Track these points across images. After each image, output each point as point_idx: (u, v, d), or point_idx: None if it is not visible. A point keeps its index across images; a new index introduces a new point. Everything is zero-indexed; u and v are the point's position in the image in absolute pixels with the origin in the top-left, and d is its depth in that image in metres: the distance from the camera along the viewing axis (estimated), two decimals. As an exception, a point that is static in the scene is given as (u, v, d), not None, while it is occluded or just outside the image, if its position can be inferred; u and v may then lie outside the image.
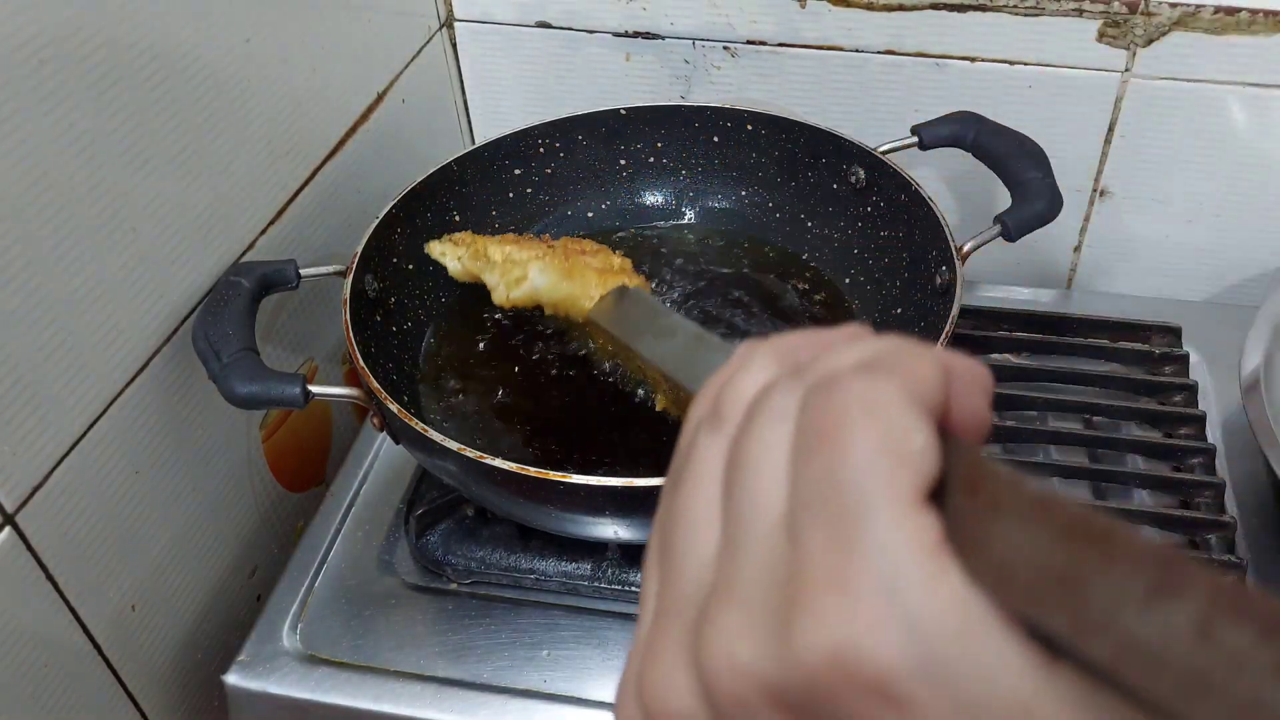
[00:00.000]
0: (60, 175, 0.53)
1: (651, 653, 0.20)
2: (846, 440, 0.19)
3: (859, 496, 0.18)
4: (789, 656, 0.18)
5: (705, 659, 0.19)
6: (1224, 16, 0.76)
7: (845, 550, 0.18)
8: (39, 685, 0.57)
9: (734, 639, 0.19)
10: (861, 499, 0.18)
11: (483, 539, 0.69)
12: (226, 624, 0.73)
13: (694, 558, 0.21)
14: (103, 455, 0.59)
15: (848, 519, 0.18)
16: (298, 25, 0.71)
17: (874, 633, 0.17)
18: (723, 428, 0.22)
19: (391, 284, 0.74)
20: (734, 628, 0.19)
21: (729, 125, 0.83)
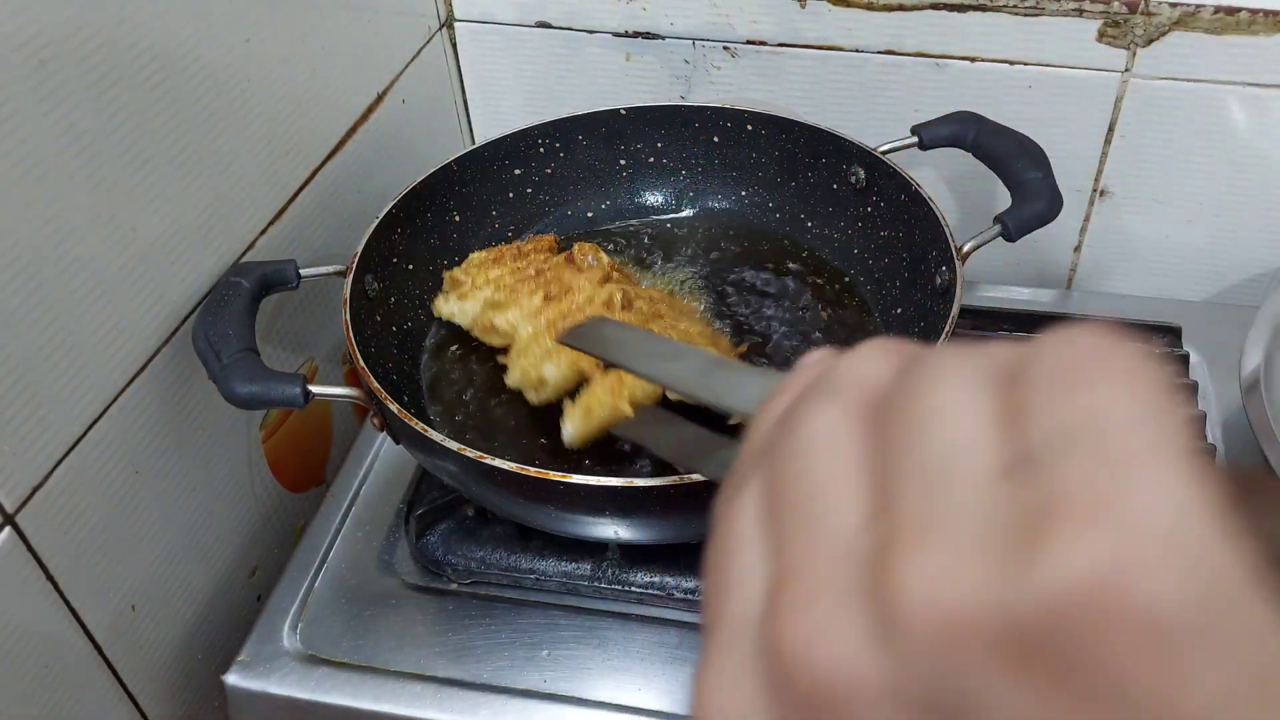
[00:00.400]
0: (60, 175, 0.53)
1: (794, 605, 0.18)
2: (1106, 387, 0.17)
3: (1134, 439, 0.16)
4: (1029, 588, 0.16)
5: (900, 600, 0.16)
6: (1224, 16, 0.76)
7: (1116, 483, 0.16)
8: (39, 685, 0.57)
9: (941, 578, 0.16)
10: (1137, 442, 0.16)
11: (483, 539, 0.69)
12: (226, 624, 0.73)
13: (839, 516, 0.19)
14: (103, 455, 0.59)
15: (1117, 458, 0.16)
16: (298, 25, 0.71)
17: (1150, 565, 0.15)
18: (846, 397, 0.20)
19: (391, 284, 0.74)
20: (939, 567, 0.16)
21: (729, 125, 0.83)
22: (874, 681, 0.17)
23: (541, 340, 0.67)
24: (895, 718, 0.16)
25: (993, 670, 0.16)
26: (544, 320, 0.68)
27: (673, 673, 0.63)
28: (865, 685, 0.17)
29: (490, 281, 0.73)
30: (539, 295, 0.70)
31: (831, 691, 0.16)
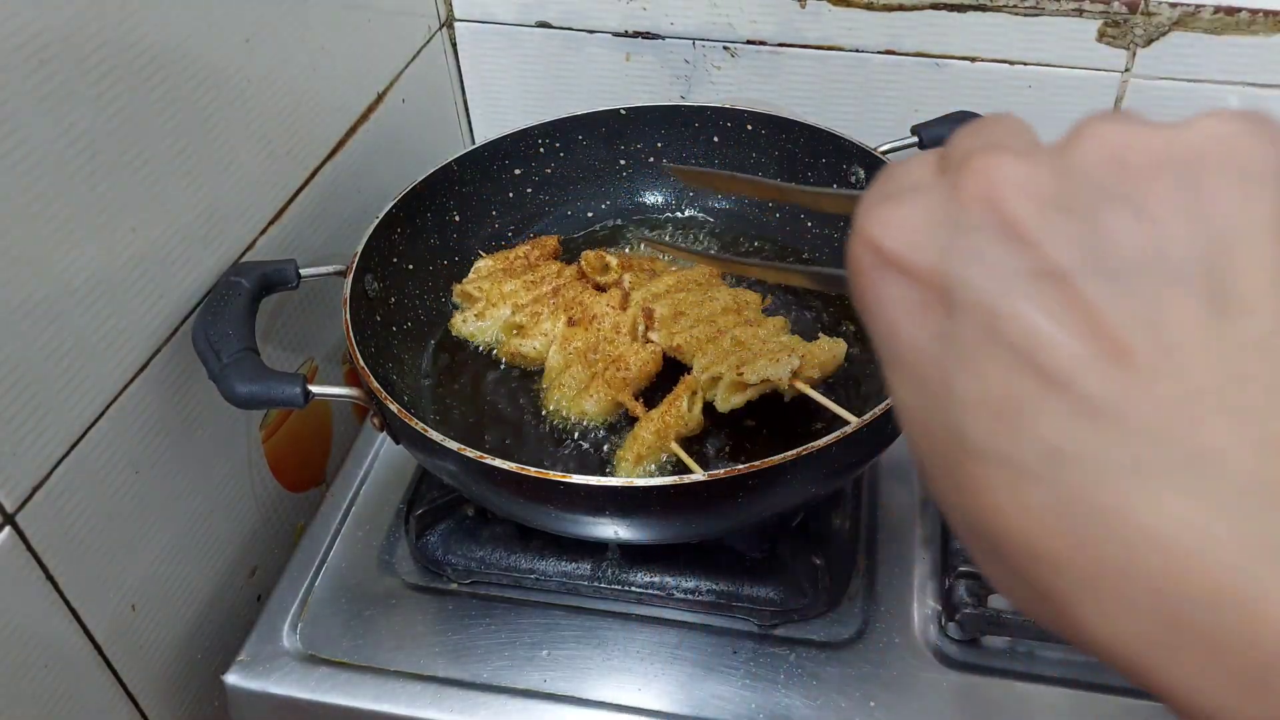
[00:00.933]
0: (60, 175, 0.53)
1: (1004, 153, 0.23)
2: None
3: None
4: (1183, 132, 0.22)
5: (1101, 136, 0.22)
6: (1224, 16, 0.76)
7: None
8: (39, 685, 0.57)
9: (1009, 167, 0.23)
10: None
11: (483, 539, 0.69)
12: (226, 624, 0.73)
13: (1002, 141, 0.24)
14: (103, 455, 0.59)
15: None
16: (298, 25, 0.71)
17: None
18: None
19: (391, 284, 0.74)
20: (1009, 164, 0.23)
21: (729, 125, 0.83)
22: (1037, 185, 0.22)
23: (576, 372, 0.68)
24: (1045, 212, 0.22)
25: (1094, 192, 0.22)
26: (574, 350, 0.69)
27: (673, 673, 0.63)
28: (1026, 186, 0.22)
29: (505, 298, 0.74)
30: (561, 319, 0.71)
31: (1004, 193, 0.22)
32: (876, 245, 0.24)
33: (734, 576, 0.66)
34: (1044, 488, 0.21)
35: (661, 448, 0.64)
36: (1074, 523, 0.21)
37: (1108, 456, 0.20)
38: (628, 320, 0.71)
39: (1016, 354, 0.21)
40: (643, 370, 0.69)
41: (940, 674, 0.62)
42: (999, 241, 0.22)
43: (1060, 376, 0.21)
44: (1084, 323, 0.21)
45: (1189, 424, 0.20)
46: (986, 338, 0.22)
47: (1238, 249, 0.21)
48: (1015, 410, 0.21)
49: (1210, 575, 0.19)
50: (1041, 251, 0.21)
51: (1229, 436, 0.20)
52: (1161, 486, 0.20)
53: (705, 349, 0.67)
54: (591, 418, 0.68)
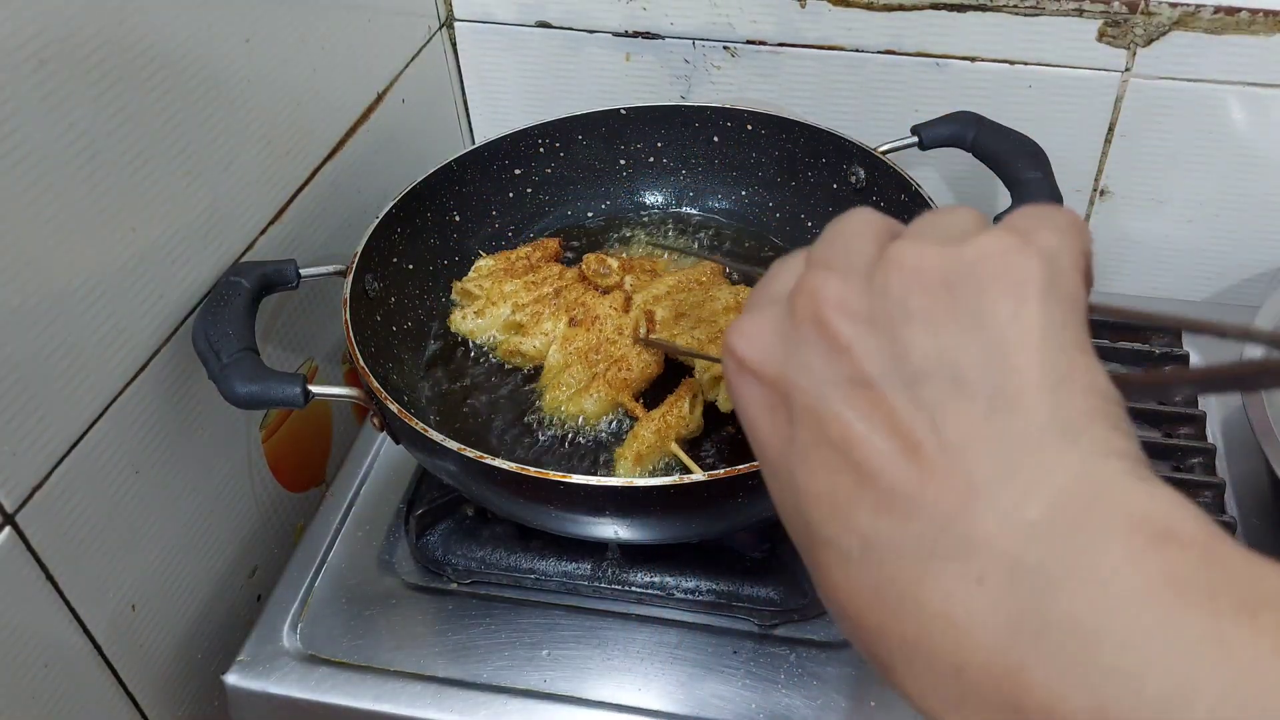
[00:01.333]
0: (60, 175, 0.53)
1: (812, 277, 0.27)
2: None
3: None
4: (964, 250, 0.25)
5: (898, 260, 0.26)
6: (1224, 16, 0.76)
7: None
8: (39, 685, 0.57)
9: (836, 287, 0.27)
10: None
11: (483, 539, 0.69)
12: (226, 624, 0.73)
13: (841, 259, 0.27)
14: (103, 455, 0.59)
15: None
16: (298, 25, 0.71)
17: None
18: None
19: (391, 284, 0.74)
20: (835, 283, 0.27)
21: (729, 125, 0.83)
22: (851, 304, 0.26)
23: (576, 371, 0.68)
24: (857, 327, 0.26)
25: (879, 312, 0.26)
26: (574, 350, 0.69)
27: (673, 673, 0.63)
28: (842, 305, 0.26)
29: (506, 297, 0.74)
30: (563, 319, 0.71)
31: (825, 313, 0.26)
32: (735, 353, 0.28)
33: (734, 576, 0.66)
34: (863, 571, 0.25)
35: (661, 447, 0.64)
36: (884, 602, 0.24)
37: (904, 545, 0.24)
38: (630, 323, 0.71)
39: (838, 452, 0.25)
40: (644, 372, 0.69)
41: (940, 674, 0.62)
42: (822, 354, 0.26)
43: (869, 471, 0.24)
44: (886, 424, 0.24)
45: (964, 514, 0.23)
46: (816, 438, 0.25)
47: (1010, 354, 0.24)
48: (840, 501, 0.25)
49: (980, 651, 0.22)
50: (855, 362, 0.25)
51: (994, 524, 0.23)
52: (942, 571, 0.23)
53: (707, 349, 0.68)
54: (589, 417, 0.68)
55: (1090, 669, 0.21)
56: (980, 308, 0.24)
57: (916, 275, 0.25)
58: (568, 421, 0.68)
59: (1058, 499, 0.23)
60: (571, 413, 0.68)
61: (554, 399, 0.69)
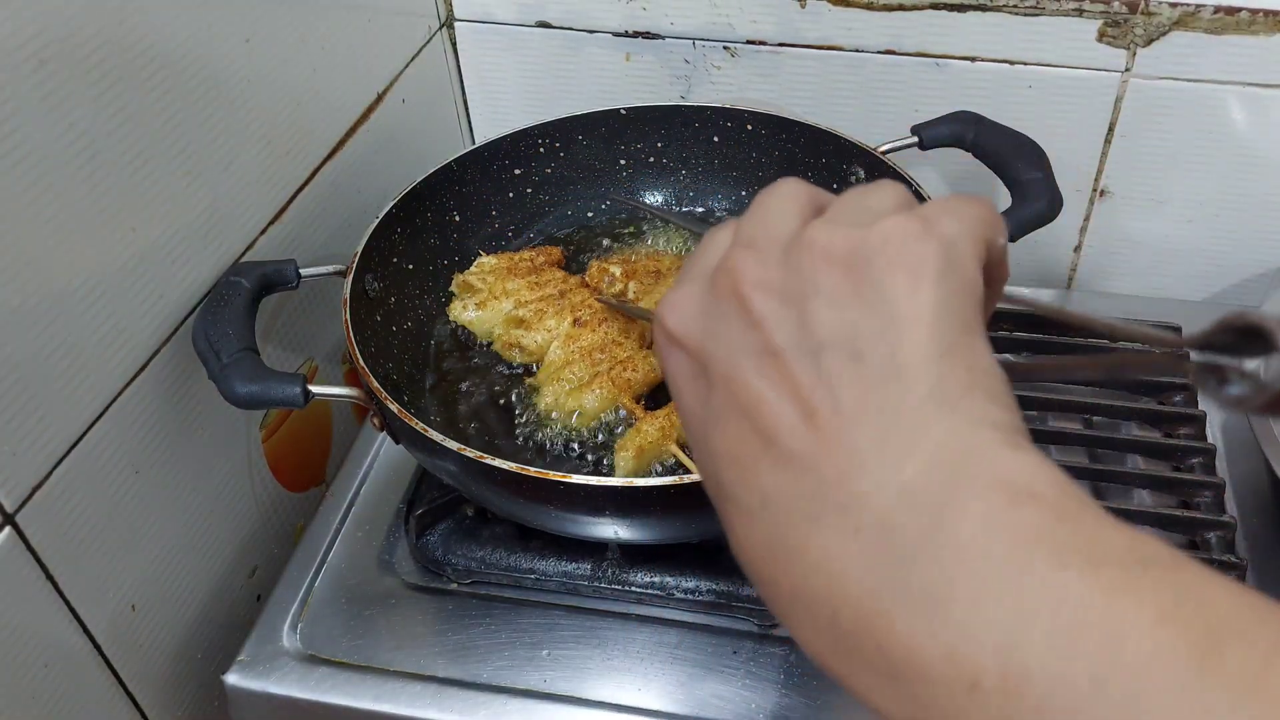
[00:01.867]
0: (60, 175, 0.53)
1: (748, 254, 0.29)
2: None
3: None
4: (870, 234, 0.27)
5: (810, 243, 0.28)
6: (1224, 16, 0.76)
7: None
8: (39, 685, 0.57)
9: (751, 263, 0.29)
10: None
11: (483, 539, 0.69)
12: (226, 624, 0.73)
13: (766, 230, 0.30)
14: (103, 455, 0.59)
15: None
16: (298, 25, 0.71)
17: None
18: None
19: (391, 284, 0.74)
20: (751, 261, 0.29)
21: (729, 125, 0.83)
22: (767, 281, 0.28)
23: (577, 368, 0.68)
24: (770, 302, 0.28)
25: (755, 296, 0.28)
26: (577, 348, 0.69)
27: (673, 673, 0.63)
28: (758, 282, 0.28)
29: (508, 294, 0.74)
30: (567, 318, 0.71)
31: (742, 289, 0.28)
32: (663, 324, 0.30)
33: (734, 576, 0.66)
34: (761, 526, 0.27)
35: (662, 445, 0.64)
36: (776, 555, 0.26)
37: (795, 499, 0.26)
38: (637, 329, 0.71)
39: (746, 416, 0.27)
40: (648, 376, 0.69)
41: (940, 674, 0.62)
42: (738, 326, 0.28)
43: (771, 434, 0.26)
44: (789, 391, 0.26)
45: (847, 476, 0.25)
46: (729, 403, 0.27)
47: (903, 330, 0.26)
48: (746, 462, 0.27)
49: (851, 600, 0.25)
50: (766, 334, 0.27)
51: (871, 485, 0.25)
52: (825, 526, 0.25)
53: None
54: (587, 414, 0.67)
55: (943, 618, 0.23)
56: (880, 287, 0.26)
57: (825, 256, 0.27)
58: (565, 420, 0.68)
59: (928, 462, 0.25)
60: (569, 408, 0.68)
61: (552, 393, 0.68)
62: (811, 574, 0.25)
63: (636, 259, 0.79)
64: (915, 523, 0.24)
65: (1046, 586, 0.23)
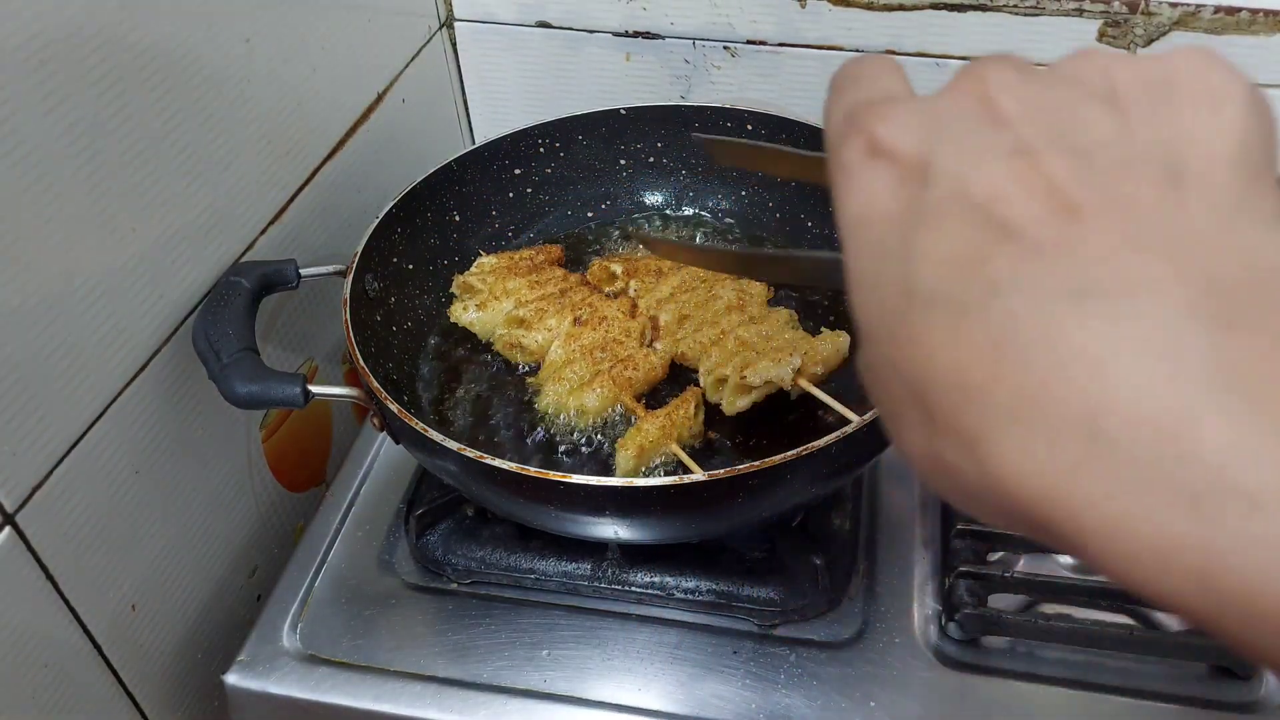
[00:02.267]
0: (60, 175, 0.53)
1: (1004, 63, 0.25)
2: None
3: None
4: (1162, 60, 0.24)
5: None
6: (1224, 16, 0.76)
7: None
8: (39, 685, 0.57)
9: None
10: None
11: (483, 539, 0.69)
12: (226, 624, 0.73)
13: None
14: (103, 455, 0.59)
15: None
16: (298, 25, 0.71)
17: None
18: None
19: (391, 284, 0.74)
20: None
21: (729, 125, 0.83)
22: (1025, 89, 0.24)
23: (578, 367, 0.68)
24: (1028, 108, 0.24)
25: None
26: (578, 347, 0.69)
27: (673, 673, 0.63)
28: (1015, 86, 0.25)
29: (509, 294, 0.74)
30: (567, 317, 0.71)
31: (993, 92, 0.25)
32: (872, 136, 0.26)
33: (734, 576, 0.66)
34: (980, 318, 0.22)
35: (663, 444, 0.64)
36: (1007, 348, 0.21)
37: (1046, 284, 0.21)
38: (637, 327, 0.71)
39: (978, 210, 0.22)
40: (649, 375, 0.69)
41: (940, 674, 0.62)
42: (983, 127, 0.24)
43: (1014, 227, 0.22)
44: (1044, 187, 0.22)
45: (1130, 255, 0.21)
46: (954, 199, 0.23)
47: (1203, 144, 0.22)
48: (968, 257, 0.22)
49: (1140, 391, 0.20)
50: (1018, 134, 0.23)
51: (1168, 270, 0.20)
52: (1097, 310, 0.20)
53: (710, 352, 0.68)
54: (588, 414, 0.67)
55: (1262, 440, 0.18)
56: (1177, 101, 0.23)
57: (1108, 68, 0.24)
58: (566, 419, 0.68)
59: (1240, 268, 0.20)
60: (571, 406, 0.68)
61: (554, 392, 0.68)
62: (1067, 366, 0.20)
63: (637, 258, 0.79)
64: (1241, 311, 0.20)
65: None
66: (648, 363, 0.69)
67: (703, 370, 0.68)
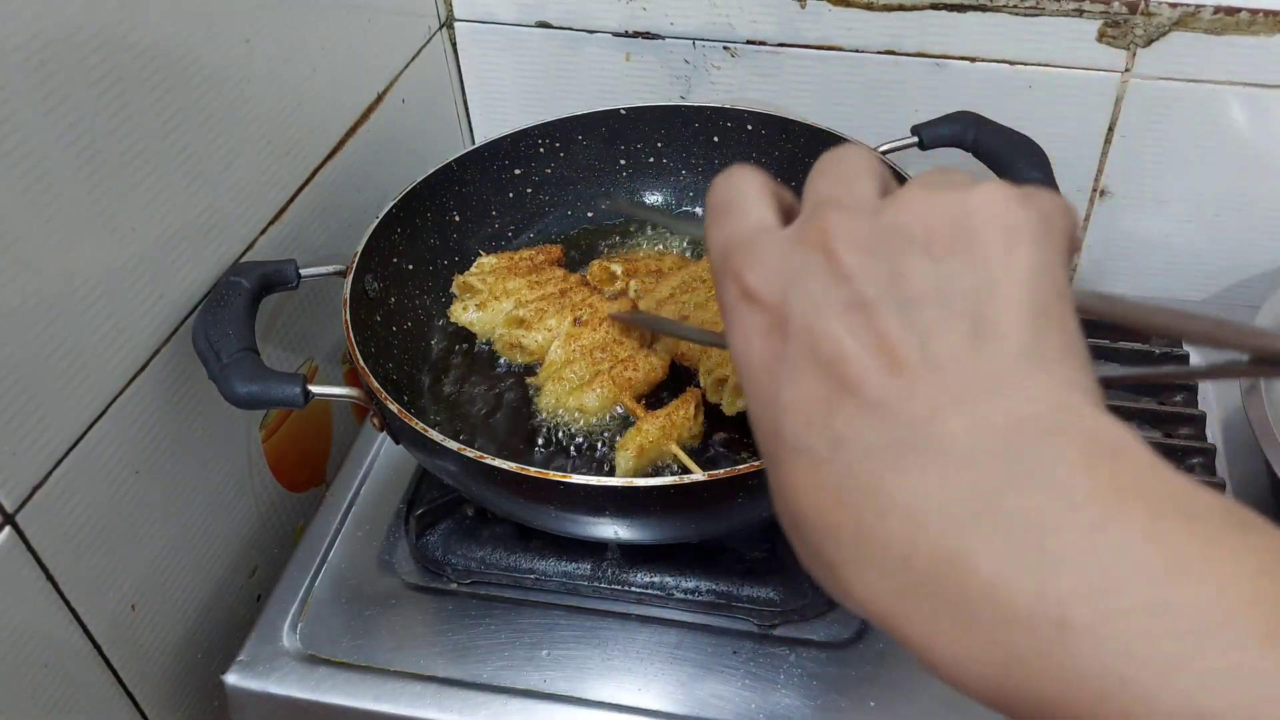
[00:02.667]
0: (60, 175, 0.53)
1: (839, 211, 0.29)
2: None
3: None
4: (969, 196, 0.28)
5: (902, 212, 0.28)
6: (1224, 16, 0.76)
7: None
8: (39, 685, 0.57)
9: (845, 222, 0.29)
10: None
11: (483, 539, 0.69)
12: (226, 624, 0.73)
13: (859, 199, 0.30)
14: (103, 455, 0.59)
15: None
16: (298, 25, 0.71)
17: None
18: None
19: (391, 284, 0.74)
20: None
21: (729, 125, 0.83)
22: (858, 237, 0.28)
23: (578, 367, 0.68)
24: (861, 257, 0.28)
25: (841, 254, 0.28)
26: (578, 347, 0.69)
27: (673, 673, 0.63)
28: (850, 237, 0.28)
29: (509, 294, 0.74)
30: (567, 318, 0.71)
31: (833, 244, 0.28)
32: (741, 281, 0.29)
33: (734, 576, 0.66)
34: (828, 468, 0.26)
35: (662, 445, 0.64)
36: (846, 498, 0.26)
37: (874, 440, 0.26)
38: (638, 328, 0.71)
39: (826, 367, 0.27)
40: (649, 375, 0.69)
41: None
42: (825, 280, 0.27)
43: (852, 383, 0.26)
44: (876, 343, 0.26)
45: (937, 417, 0.25)
46: (807, 354, 0.27)
47: (999, 287, 0.26)
48: (819, 410, 0.27)
49: (931, 537, 0.24)
50: (855, 286, 0.27)
51: (958, 425, 0.25)
52: (907, 464, 0.25)
53: (710, 352, 0.68)
54: (589, 414, 0.68)
55: (1034, 555, 0.23)
56: (979, 246, 0.27)
57: (924, 213, 0.27)
58: (566, 419, 0.68)
59: (1024, 412, 0.25)
60: (570, 407, 0.68)
61: (554, 392, 0.69)
62: (885, 514, 0.25)
63: (637, 258, 0.79)
64: (1008, 460, 0.24)
65: (1145, 533, 0.22)
66: (648, 364, 0.69)
67: (703, 371, 0.68)
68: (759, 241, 0.30)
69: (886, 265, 0.27)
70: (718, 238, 0.31)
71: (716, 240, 0.31)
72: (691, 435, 0.66)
